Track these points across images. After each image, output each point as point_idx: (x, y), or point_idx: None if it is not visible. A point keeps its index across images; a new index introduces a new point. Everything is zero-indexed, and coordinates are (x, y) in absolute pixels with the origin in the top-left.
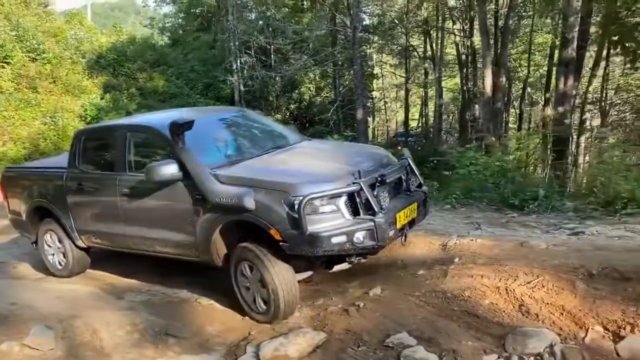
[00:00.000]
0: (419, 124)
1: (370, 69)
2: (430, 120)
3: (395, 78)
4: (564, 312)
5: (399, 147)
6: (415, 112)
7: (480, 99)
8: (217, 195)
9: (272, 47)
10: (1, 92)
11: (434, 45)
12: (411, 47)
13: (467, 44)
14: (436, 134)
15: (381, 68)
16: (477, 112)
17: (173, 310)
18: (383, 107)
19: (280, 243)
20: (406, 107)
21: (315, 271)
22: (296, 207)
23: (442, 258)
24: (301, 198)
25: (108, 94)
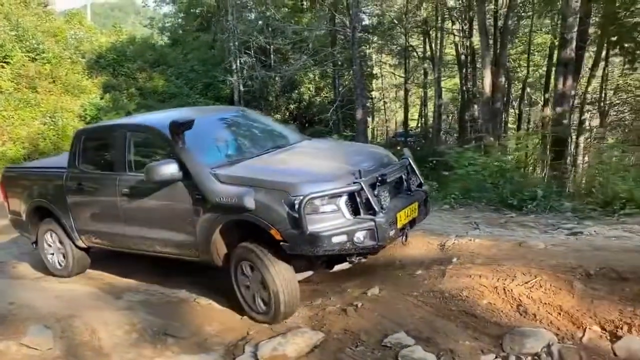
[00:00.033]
0: (418, 124)
1: (369, 69)
2: (430, 120)
3: (394, 78)
4: (561, 312)
5: (398, 147)
6: (414, 112)
7: (479, 99)
8: (217, 195)
9: (271, 47)
10: (1, 92)
11: (433, 45)
12: (410, 47)
13: (467, 44)
14: (435, 134)
15: (380, 68)
16: (476, 113)
17: (171, 310)
18: (382, 107)
19: (281, 243)
20: (405, 107)
21: (316, 271)
22: (296, 206)
23: (441, 258)
24: (301, 198)
25: (108, 93)
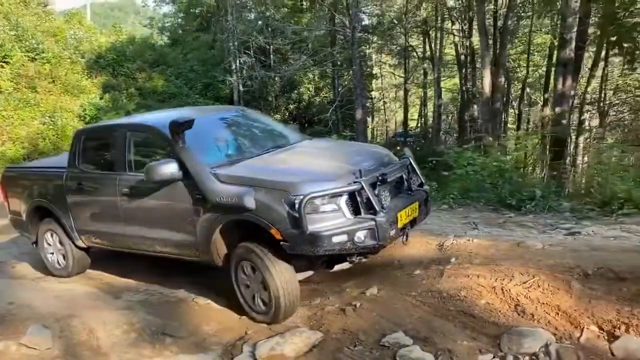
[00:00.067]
0: (418, 124)
1: (369, 69)
2: (429, 120)
3: (394, 78)
4: (559, 312)
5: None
6: (414, 113)
7: (479, 99)
8: (217, 194)
9: (271, 47)
10: (0, 92)
11: (433, 45)
12: (410, 48)
13: (466, 44)
14: (435, 134)
15: (380, 68)
16: (476, 113)
17: (170, 309)
18: (382, 107)
19: (281, 242)
20: (405, 108)
21: (316, 271)
22: (297, 206)
23: (439, 258)
24: (302, 197)
25: (107, 93)
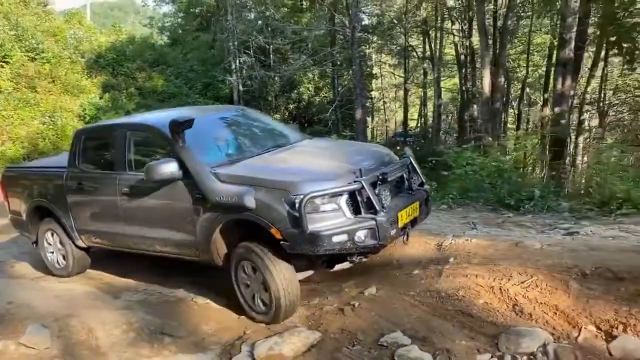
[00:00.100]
0: (417, 124)
1: (369, 69)
2: (429, 120)
3: (394, 78)
4: (557, 312)
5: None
6: (414, 112)
7: (479, 99)
8: (218, 194)
9: (271, 47)
10: (0, 92)
11: (432, 45)
12: (410, 47)
13: (466, 44)
14: (435, 134)
15: (380, 68)
16: (475, 113)
17: (169, 309)
18: (382, 107)
19: (281, 242)
20: (405, 107)
21: (316, 270)
22: (297, 205)
23: (437, 258)
24: (302, 197)
25: (107, 93)
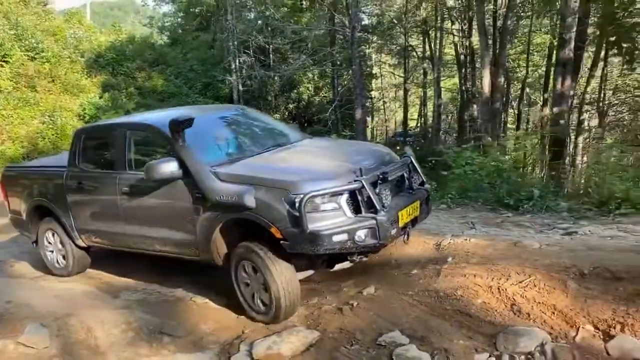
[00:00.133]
0: (417, 124)
1: (369, 69)
2: (429, 120)
3: (394, 78)
4: (555, 311)
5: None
6: (414, 112)
7: (478, 99)
8: (218, 193)
9: (270, 46)
10: (0, 91)
11: (432, 45)
12: (410, 47)
13: (466, 44)
14: (435, 134)
15: (380, 68)
16: (475, 112)
17: (168, 308)
18: (382, 107)
19: (281, 241)
20: (405, 107)
21: (317, 270)
22: (297, 205)
23: (436, 257)
24: (302, 196)
25: (107, 93)
